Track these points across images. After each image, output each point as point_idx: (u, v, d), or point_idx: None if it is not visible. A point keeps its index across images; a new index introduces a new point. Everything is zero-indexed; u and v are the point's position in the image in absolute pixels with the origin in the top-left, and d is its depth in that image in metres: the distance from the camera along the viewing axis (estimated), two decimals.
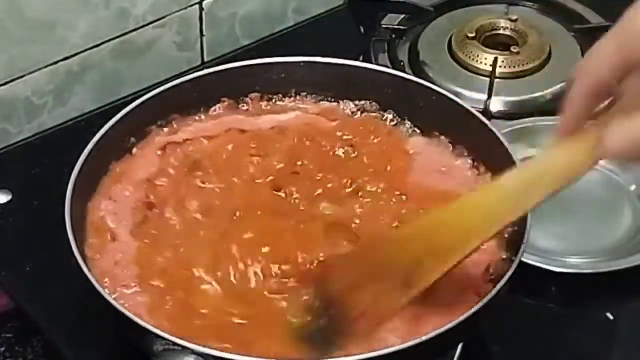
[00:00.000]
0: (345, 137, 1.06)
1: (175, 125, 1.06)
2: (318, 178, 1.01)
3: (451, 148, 1.05)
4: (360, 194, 1.00)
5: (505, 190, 0.84)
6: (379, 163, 1.03)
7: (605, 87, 0.73)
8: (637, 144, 0.70)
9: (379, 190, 1.00)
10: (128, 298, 0.91)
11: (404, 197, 0.99)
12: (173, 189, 1.00)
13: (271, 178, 1.01)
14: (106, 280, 0.91)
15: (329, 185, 1.01)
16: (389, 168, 1.03)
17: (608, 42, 0.72)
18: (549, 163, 0.81)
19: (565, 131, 0.77)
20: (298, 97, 1.09)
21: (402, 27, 1.33)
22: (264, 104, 1.09)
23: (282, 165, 1.02)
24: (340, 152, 1.04)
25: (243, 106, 1.08)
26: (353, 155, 1.04)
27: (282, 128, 1.07)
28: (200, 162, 1.02)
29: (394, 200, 0.99)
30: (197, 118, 1.07)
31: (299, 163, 1.03)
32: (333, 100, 1.09)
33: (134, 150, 1.03)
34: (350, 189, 1.00)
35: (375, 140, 1.06)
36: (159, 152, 1.03)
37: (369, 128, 1.07)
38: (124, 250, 0.94)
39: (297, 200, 0.99)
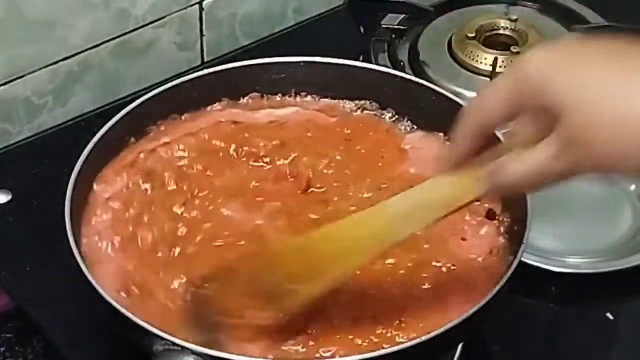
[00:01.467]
0: (344, 133, 1.06)
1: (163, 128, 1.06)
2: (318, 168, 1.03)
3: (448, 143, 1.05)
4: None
5: (389, 214, 0.84)
6: (373, 156, 1.04)
7: (492, 128, 0.76)
8: (536, 173, 0.73)
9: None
10: None
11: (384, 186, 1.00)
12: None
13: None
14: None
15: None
16: (380, 164, 1.04)
17: (499, 84, 0.74)
18: (435, 191, 0.82)
19: (450, 165, 0.80)
20: (298, 97, 1.10)
21: (402, 27, 1.33)
22: (264, 103, 1.09)
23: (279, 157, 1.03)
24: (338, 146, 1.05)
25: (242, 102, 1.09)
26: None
27: (280, 123, 1.07)
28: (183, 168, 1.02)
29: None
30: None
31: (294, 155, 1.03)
32: (333, 100, 1.09)
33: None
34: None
35: (373, 136, 1.06)
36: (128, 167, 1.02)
37: (368, 124, 1.07)
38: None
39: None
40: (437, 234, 0.96)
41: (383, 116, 1.08)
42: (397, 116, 1.08)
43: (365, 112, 1.09)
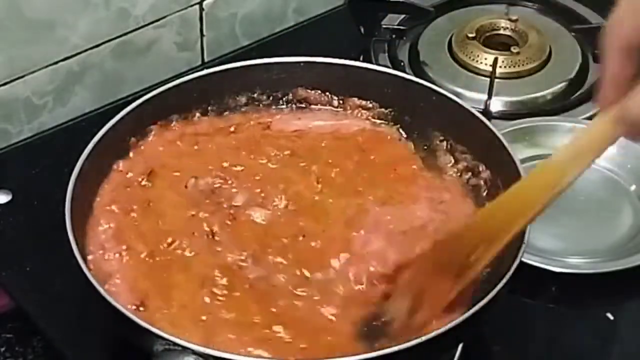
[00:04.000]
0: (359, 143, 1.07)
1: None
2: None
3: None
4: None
5: (554, 165, 0.86)
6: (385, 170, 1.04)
7: (633, 46, 0.76)
8: None
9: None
10: None
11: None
12: None
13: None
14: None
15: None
16: (392, 175, 1.04)
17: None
18: (585, 136, 0.84)
19: (604, 101, 0.79)
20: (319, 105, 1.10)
21: (402, 27, 1.33)
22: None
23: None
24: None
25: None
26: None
27: (303, 132, 1.07)
28: None
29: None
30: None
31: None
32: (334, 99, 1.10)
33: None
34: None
35: (390, 150, 1.06)
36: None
37: (384, 138, 1.07)
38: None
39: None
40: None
41: (400, 130, 1.08)
42: (415, 133, 1.07)
43: (382, 124, 1.08)
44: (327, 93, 1.09)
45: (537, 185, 0.87)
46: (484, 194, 1.01)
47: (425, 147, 1.06)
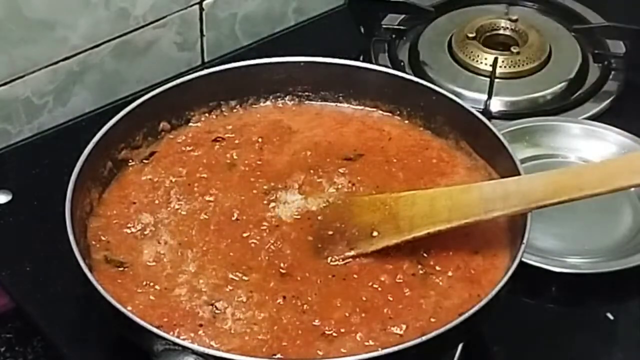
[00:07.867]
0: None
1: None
2: None
3: None
4: None
5: (476, 195, 0.92)
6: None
7: None
8: None
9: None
10: None
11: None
12: None
13: None
14: None
15: None
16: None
17: None
18: (529, 185, 0.91)
19: None
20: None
21: (402, 27, 1.34)
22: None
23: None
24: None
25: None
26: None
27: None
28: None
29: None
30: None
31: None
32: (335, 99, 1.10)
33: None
34: None
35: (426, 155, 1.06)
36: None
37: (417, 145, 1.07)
38: None
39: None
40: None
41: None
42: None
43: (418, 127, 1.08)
44: (327, 92, 1.09)
45: (450, 206, 0.92)
46: None
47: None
